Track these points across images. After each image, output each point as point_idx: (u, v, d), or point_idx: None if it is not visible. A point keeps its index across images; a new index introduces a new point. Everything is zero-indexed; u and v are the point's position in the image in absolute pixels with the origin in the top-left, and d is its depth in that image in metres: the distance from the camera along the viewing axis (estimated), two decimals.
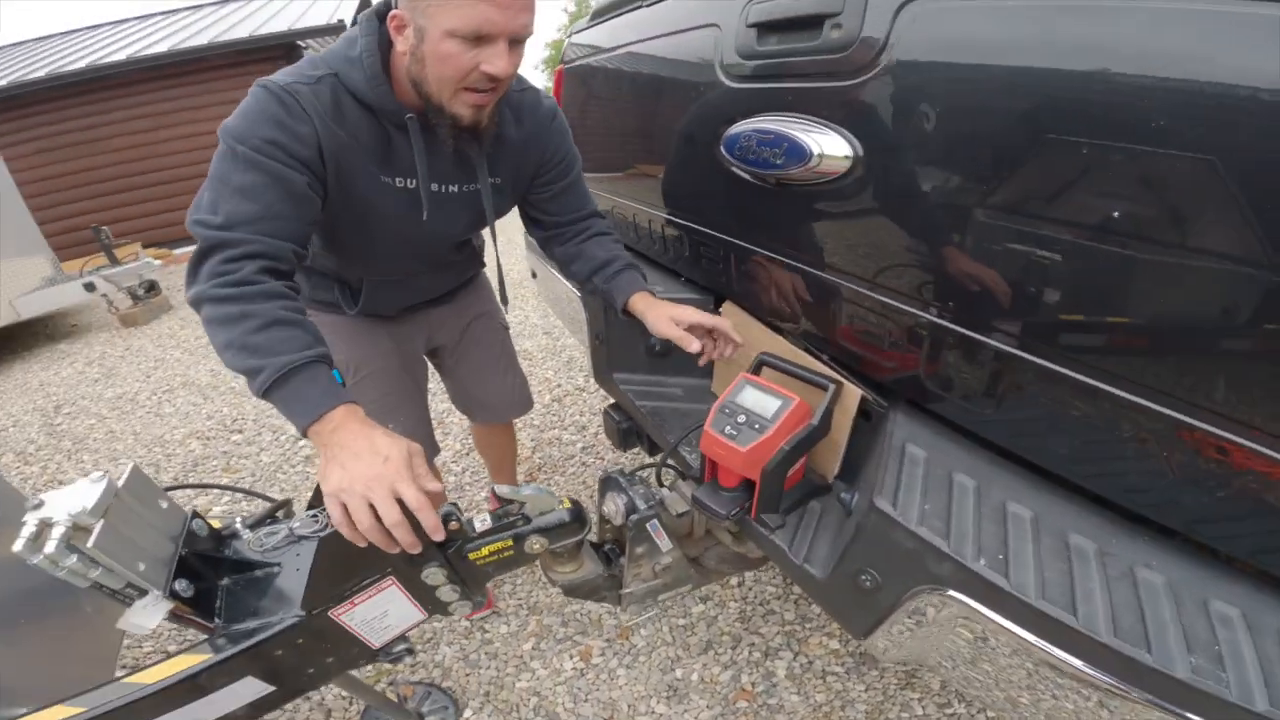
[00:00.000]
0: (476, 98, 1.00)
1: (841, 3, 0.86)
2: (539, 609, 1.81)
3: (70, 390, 4.20)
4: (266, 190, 0.94)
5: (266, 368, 0.85)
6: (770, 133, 0.98)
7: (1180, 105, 0.52)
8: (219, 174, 0.94)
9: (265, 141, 0.94)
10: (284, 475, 2.74)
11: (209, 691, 0.97)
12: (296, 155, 0.97)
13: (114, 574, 0.84)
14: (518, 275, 5.00)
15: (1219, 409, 0.55)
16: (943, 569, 0.67)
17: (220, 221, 0.91)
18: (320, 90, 1.00)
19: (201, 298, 0.90)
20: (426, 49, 0.94)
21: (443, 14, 0.90)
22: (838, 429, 1.03)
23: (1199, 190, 0.53)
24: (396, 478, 0.83)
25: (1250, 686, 0.51)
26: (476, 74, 0.95)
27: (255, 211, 0.92)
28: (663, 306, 1.19)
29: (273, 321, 0.88)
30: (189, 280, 0.93)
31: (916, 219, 0.82)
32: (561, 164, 1.30)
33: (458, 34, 0.91)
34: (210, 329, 0.91)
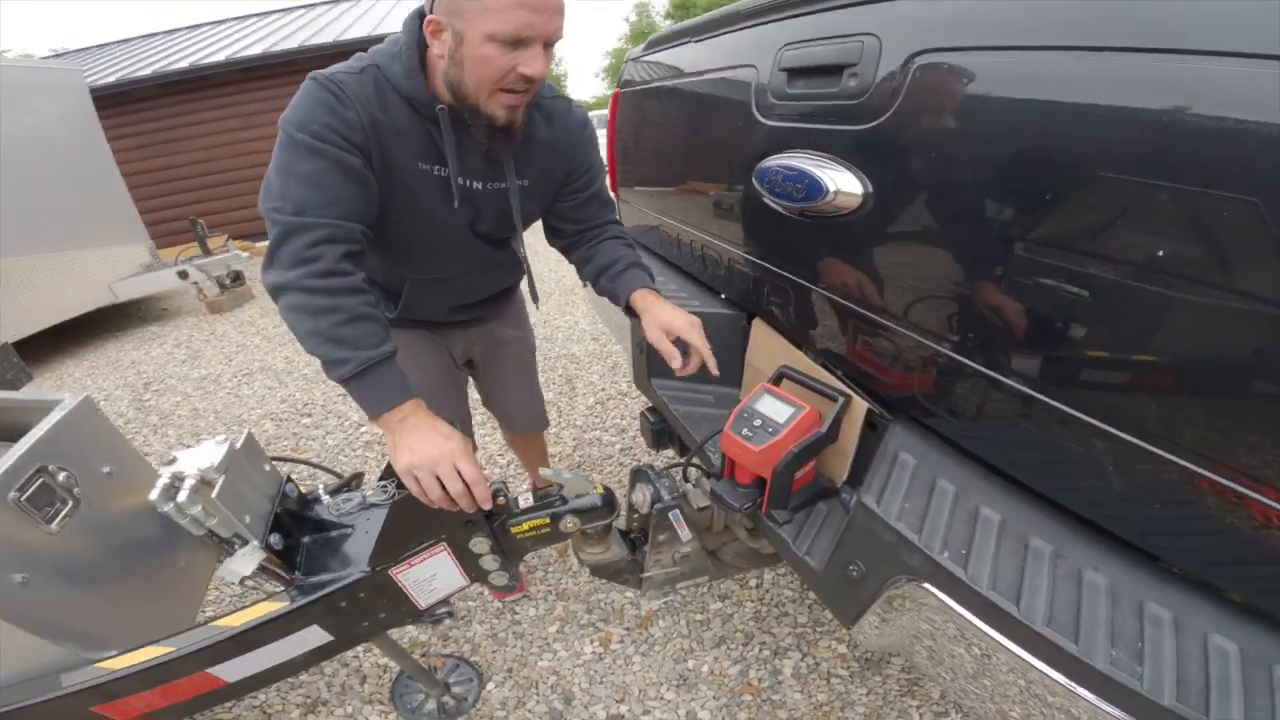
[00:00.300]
0: (512, 98, 1.06)
1: (859, 54, 0.96)
2: (566, 596, 1.95)
3: (159, 369, 4.59)
4: (329, 175, 1.01)
5: (351, 360, 0.98)
6: (794, 169, 1.09)
7: (1169, 147, 0.58)
8: (283, 162, 1.02)
9: (322, 127, 1.01)
10: (345, 457, 2.97)
11: (280, 637, 1.14)
12: (349, 139, 1.04)
13: (226, 524, 1.02)
14: (570, 282, 5.19)
15: (1164, 434, 0.63)
16: (914, 560, 0.77)
17: (292, 209, 0.99)
18: (364, 80, 1.07)
19: (288, 285, 0.99)
20: (466, 52, 1.01)
21: (483, 19, 0.97)
22: (845, 438, 1.13)
23: (1176, 230, 0.59)
24: (458, 456, 1.00)
25: (1162, 681, 0.59)
26: (513, 75, 1.02)
27: (322, 197, 1.00)
28: (656, 310, 1.24)
29: (356, 316, 1.00)
30: (267, 264, 1.02)
31: (916, 254, 0.92)
32: (588, 173, 1.35)
33: (497, 38, 0.98)
34: (294, 315, 1.00)
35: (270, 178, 1.02)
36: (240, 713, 1.66)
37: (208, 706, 1.24)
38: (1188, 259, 0.59)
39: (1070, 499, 0.76)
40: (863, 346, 1.08)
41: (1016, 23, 0.74)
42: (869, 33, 0.95)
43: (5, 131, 4.78)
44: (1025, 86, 0.72)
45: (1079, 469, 0.72)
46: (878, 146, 0.95)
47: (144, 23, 74.46)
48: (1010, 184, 0.75)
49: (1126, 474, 0.68)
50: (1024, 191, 0.74)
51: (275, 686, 1.71)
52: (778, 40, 1.17)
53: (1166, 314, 0.62)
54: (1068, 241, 0.69)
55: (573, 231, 1.42)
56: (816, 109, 1.08)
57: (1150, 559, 0.69)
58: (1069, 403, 0.72)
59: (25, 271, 4.79)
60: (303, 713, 1.64)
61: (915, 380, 0.95)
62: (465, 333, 1.60)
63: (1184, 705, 0.57)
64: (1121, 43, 0.62)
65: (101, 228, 5.59)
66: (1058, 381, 0.73)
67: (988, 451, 0.86)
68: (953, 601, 0.73)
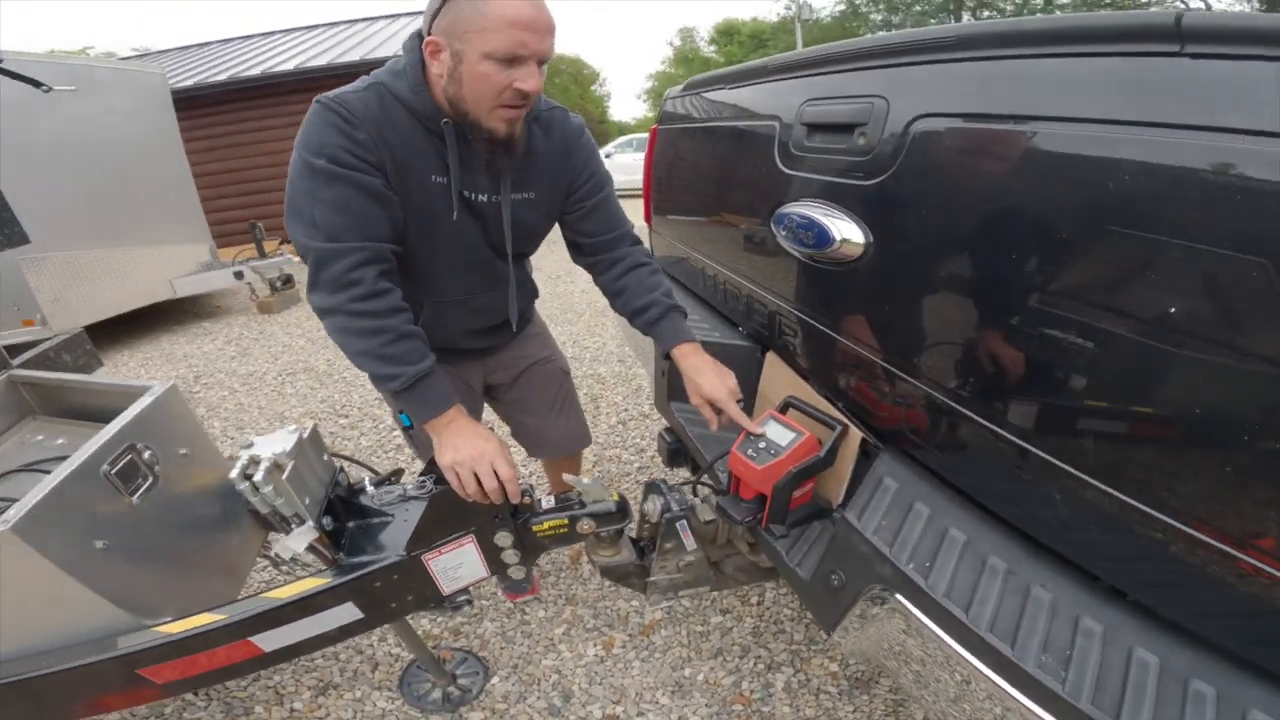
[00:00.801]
0: (510, 112, 1.11)
1: (868, 115, 1.07)
2: (575, 600, 2.05)
3: (209, 364, 4.84)
4: (352, 199, 1.07)
5: (401, 375, 1.11)
6: (807, 217, 1.21)
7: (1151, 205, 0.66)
8: (307, 190, 1.07)
9: (337, 149, 1.06)
10: (378, 458, 3.13)
11: (320, 610, 1.27)
12: (365, 159, 1.09)
13: (290, 504, 1.17)
14: (601, 305, 5.35)
15: (1109, 472, 0.73)
16: (885, 570, 0.88)
17: (324, 236, 1.06)
18: (368, 97, 1.11)
19: (336, 309, 1.07)
20: (464, 70, 1.06)
21: (480, 39, 1.02)
22: (842, 463, 1.23)
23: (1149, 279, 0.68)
24: (494, 456, 1.14)
25: (1081, 686, 0.68)
26: (510, 91, 1.07)
27: (349, 221, 1.07)
28: (698, 378, 1.31)
29: (401, 335, 1.11)
30: (311, 287, 1.10)
31: (908, 303, 1.03)
32: (592, 179, 1.38)
33: (494, 56, 1.03)
34: (342, 337, 1.09)
35: (296, 203, 1.09)
36: (255, 691, 1.77)
37: (239, 675, 1.35)
38: (1148, 318, 0.68)
39: (1029, 525, 0.86)
40: (860, 382, 1.19)
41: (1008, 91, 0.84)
42: (879, 94, 1.05)
43: (88, 129, 5.10)
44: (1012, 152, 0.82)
45: (1036, 498, 0.83)
46: (880, 202, 1.05)
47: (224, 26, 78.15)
48: (992, 244, 0.86)
49: (1073, 503, 0.78)
50: (1004, 252, 0.84)
51: (290, 669, 1.83)
52: (801, 95, 1.29)
53: (1113, 368, 0.72)
54: (1034, 301, 0.80)
55: (590, 245, 1.43)
56: (830, 163, 1.19)
57: (1094, 580, 0.79)
58: (1029, 440, 0.82)
59: (95, 263, 5.11)
60: (314, 694, 1.75)
61: (902, 414, 1.06)
62: (482, 362, 1.60)
63: (1098, 709, 0.66)
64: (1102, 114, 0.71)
65: (169, 226, 5.93)
66: (1022, 421, 0.83)
67: (962, 480, 0.96)
68: (913, 607, 0.83)
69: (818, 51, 1.28)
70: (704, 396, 1.31)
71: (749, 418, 1.28)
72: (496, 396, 1.73)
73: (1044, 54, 0.79)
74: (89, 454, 1.22)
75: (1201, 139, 0.61)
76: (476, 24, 1.02)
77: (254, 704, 1.74)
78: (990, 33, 0.87)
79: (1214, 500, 0.65)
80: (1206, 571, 0.65)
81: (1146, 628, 0.72)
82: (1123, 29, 0.69)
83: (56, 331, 3.50)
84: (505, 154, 1.19)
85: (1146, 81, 0.67)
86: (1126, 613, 0.75)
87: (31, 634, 1.20)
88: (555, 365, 1.74)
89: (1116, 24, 0.70)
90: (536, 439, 1.78)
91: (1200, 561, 0.66)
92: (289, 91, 9.21)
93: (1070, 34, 0.76)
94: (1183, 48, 0.63)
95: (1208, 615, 0.68)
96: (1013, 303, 0.83)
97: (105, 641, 1.22)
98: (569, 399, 1.78)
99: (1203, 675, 0.66)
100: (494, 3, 1.01)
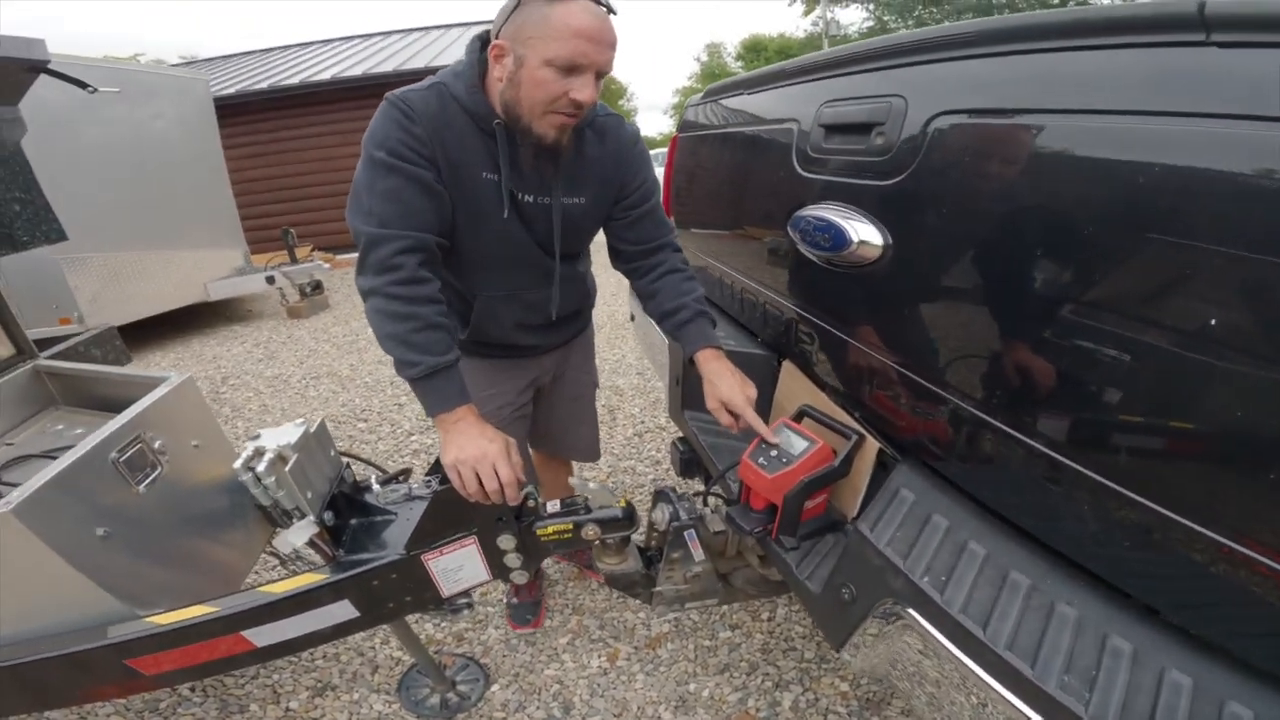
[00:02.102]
0: (561, 119, 1.14)
1: (886, 114, 1.04)
2: (582, 610, 2.01)
3: (237, 366, 4.94)
4: (404, 190, 1.13)
5: (421, 363, 1.12)
6: (823, 219, 1.18)
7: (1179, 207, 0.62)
8: (366, 180, 1.14)
9: (396, 143, 1.12)
10: (393, 462, 3.15)
11: (314, 607, 1.25)
12: (420, 153, 1.14)
13: (291, 496, 1.16)
14: (621, 318, 5.35)
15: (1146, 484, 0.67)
16: (898, 583, 0.83)
17: (376, 222, 1.11)
18: (429, 96, 1.17)
19: (375, 290, 1.11)
20: (524, 74, 1.10)
21: (543, 45, 1.07)
22: (857, 475, 1.18)
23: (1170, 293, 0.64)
24: (497, 458, 1.12)
25: (1107, 708, 0.63)
26: (565, 100, 1.10)
27: (400, 210, 1.12)
28: (717, 381, 1.31)
29: (429, 325, 1.13)
30: (359, 269, 1.15)
31: (928, 306, 0.99)
32: (642, 188, 1.41)
33: (554, 64, 1.07)
34: (377, 318, 1.13)
35: (357, 191, 1.15)
36: (252, 690, 1.76)
37: (230, 670, 1.33)
38: (1185, 323, 0.63)
39: (1056, 539, 0.80)
40: (877, 391, 1.14)
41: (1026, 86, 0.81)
42: (897, 94, 1.03)
43: (133, 133, 5.27)
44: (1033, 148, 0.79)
45: (1066, 512, 0.77)
46: (898, 202, 1.02)
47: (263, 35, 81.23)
48: (1015, 243, 0.82)
49: (1106, 517, 0.72)
50: (1027, 252, 0.80)
51: (289, 667, 1.82)
52: (819, 97, 1.27)
53: (1151, 376, 0.67)
54: (1066, 302, 0.75)
55: (632, 253, 1.45)
56: (848, 164, 1.16)
57: (1125, 598, 0.73)
58: (1060, 450, 0.76)
59: (133, 265, 5.26)
60: (311, 695, 1.73)
61: (922, 424, 1.01)
62: (537, 361, 1.63)
63: None
64: None
65: (206, 230, 6.08)
66: (1053, 432, 0.78)
67: (985, 493, 0.91)
68: (927, 622, 0.78)
69: (835, 53, 1.26)
70: (720, 400, 1.30)
71: (766, 426, 1.24)
72: (538, 394, 1.78)
73: (1063, 47, 0.75)
74: (98, 441, 1.23)
75: (1232, 128, 0.58)
76: (541, 30, 1.06)
77: (250, 701, 1.72)
78: (1007, 28, 0.84)
79: (1262, 515, 0.59)
80: (1251, 590, 0.60)
81: (1181, 647, 0.67)
82: (1146, 20, 0.66)
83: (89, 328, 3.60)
84: (550, 160, 1.22)
85: (1172, 71, 0.64)
86: (1159, 631, 0.69)
87: (24, 618, 1.20)
88: (589, 378, 1.84)
89: (1139, 14, 0.67)
90: (551, 436, 1.85)
91: (1245, 580, 0.60)
92: (325, 101, 9.46)
93: (1091, 26, 0.73)
94: (1208, 36, 0.60)
95: (1249, 635, 0.62)
96: (1037, 306, 0.79)
97: (95, 630, 1.21)
98: (592, 412, 1.89)
99: (1241, 699, 0.60)
100: (561, 12, 1.05)
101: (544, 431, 1.84)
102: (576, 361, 1.76)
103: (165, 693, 1.73)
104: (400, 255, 1.11)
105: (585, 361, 1.80)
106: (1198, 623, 0.66)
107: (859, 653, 0.96)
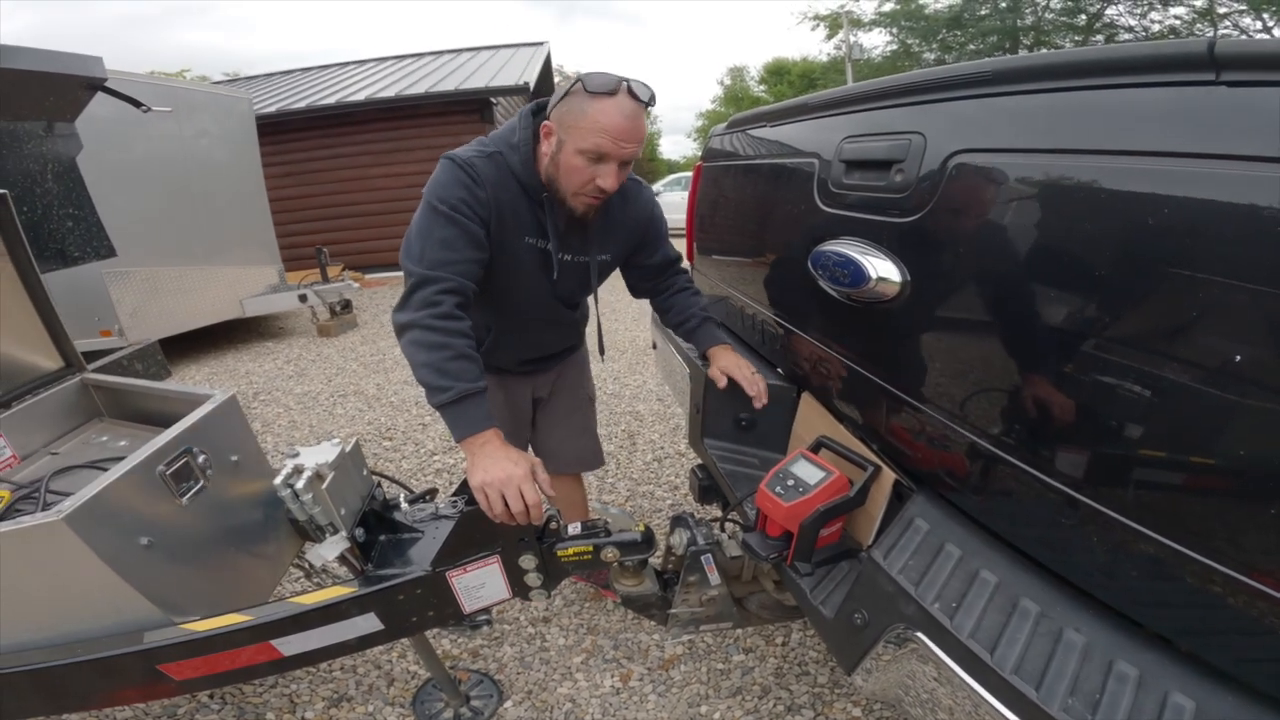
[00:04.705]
0: (588, 200, 1.34)
1: (905, 152, 1.07)
2: (596, 630, 2.03)
3: (268, 382, 5.06)
4: (458, 240, 1.27)
5: (452, 389, 1.19)
6: (843, 255, 1.21)
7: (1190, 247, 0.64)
8: (424, 227, 1.27)
9: (459, 201, 1.27)
10: (416, 480, 3.20)
11: (342, 618, 1.29)
12: (477, 213, 1.30)
13: (326, 512, 1.21)
14: (642, 344, 5.40)
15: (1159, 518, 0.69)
16: (909, 609, 0.85)
17: (427, 265, 1.24)
18: (489, 164, 1.34)
19: (413, 324, 1.21)
20: (561, 157, 1.29)
21: (578, 136, 1.25)
22: (873, 504, 1.20)
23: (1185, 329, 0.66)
24: (521, 480, 1.17)
25: None
26: (592, 184, 1.30)
27: (451, 257, 1.25)
28: (721, 357, 1.56)
29: (461, 355, 1.21)
30: (400, 307, 1.25)
31: (945, 342, 1.02)
32: (657, 240, 1.66)
33: (584, 153, 1.26)
34: (413, 349, 1.22)
35: (412, 238, 1.28)
36: (269, 698, 1.80)
37: (253, 678, 1.36)
38: (1195, 360, 0.65)
39: (1068, 569, 0.82)
40: (894, 423, 1.16)
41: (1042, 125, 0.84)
42: (917, 131, 1.06)
43: (178, 150, 5.46)
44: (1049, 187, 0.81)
45: (1079, 545, 0.79)
46: (916, 239, 1.04)
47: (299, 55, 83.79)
48: (1025, 283, 0.85)
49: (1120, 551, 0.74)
50: (1037, 291, 0.83)
51: (307, 678, 1.86)
52: (840, 132, 1.30)
53: (1163, 412, 0.69)
54: (1080, 340, 0.77)
55: (648, 289, 1.75)
56: (868, 200, 1.19)
57: (1134, 625, 0.75)
58: (1072, 484, 0.78)
59: (174, 280, 5.43)
60: (327, 705, 1.77)
61: (937, 456, 1.03)
62: (531, 379, 1.82)
63: None
64: None
65: (243, 248, 6.27)
66: (1065, 466, 0.80)
67: (997, 524, 0.93)
68: (936, 647, 0.80)
69: (857, 88, 1.30)
70: (720, 368, 1.54)
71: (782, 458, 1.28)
72: (535, 409, 1.93)
73: (1077, 87, 0.78)
74: (148, 453, 1.30)
75: (1242, 169, 0.60)
76: (578, 122, 1.25)
77: (266, 710, 1.76)
78: (1023, 67, 0.88)
79: (1268, 547, 0.61)
80: (1253, 616, 0.62)
81: (1185, 672, 0.68)
82: (1157, 59, 0.69)
83: (132, 343, 3.72)
84: (580, 228, 1.45)
85: (1183, 111, 0.66)
86: (1165, 657, 0.70)
87: (65, 622, 1.25)
88: (584, 393, 1.99)
89: (1151, 54, 0.70)
90: (552, 453, 1.96)
91: (1249, 608, 0.62)
92: (359, 121, 9.67)
93: (1104, 66, 0.76)
94: (1218, 76, 0.62)
95: (1252, 660, 0.64)
96: (1051, 344, 0.81)
97: (131, 635, 1.26)
98: (588, 424, 2.02)
99: None
100: (596, 108, 1.23)
101: (547, 450, 1.95)
102: (570, 378, 1.92)
103: (184, 698, 1.77)
104: (441, 294, 1.23)
105: (579, 377, 1.96)
106: (1203, 648, 0.68)
107: (870, 677, 0.98)
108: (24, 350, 1.82)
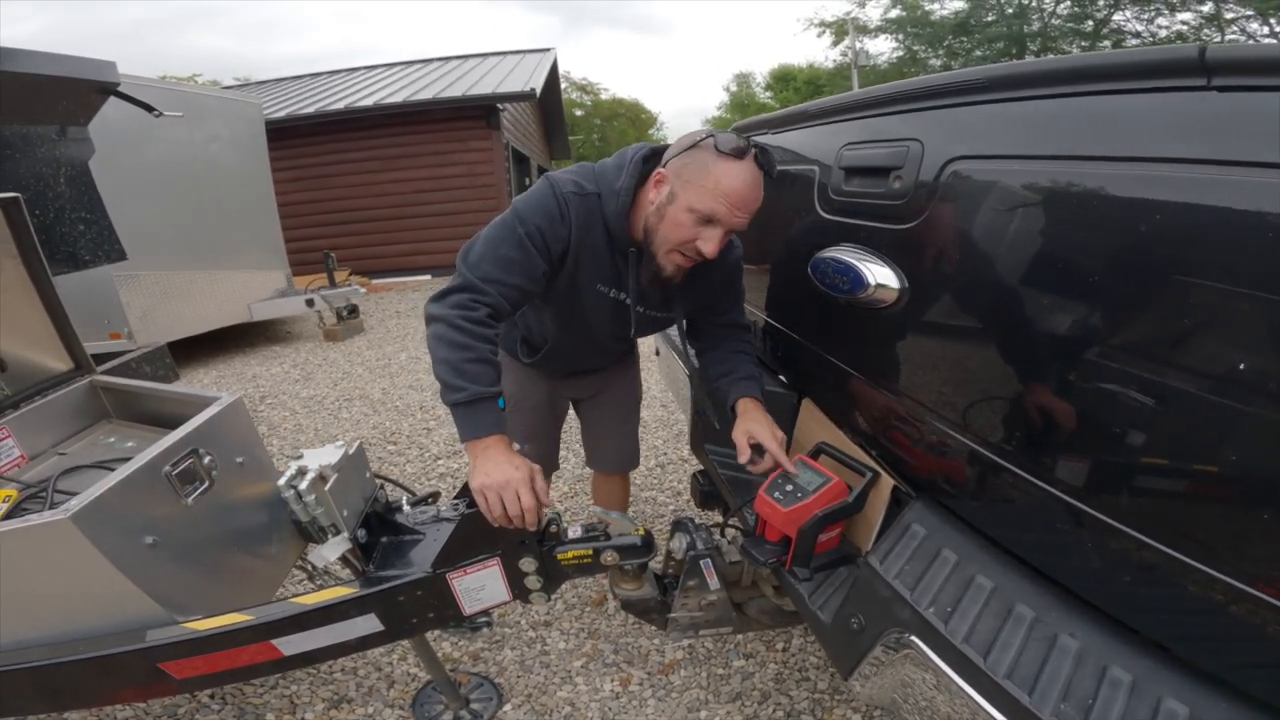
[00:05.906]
0: (683, 260, 1.28)
1: (903, 159, 1.08)
2: (597, 634, 2.03)
3: (274, 385, 5.09)
4: (516, 266, 1.25)
5: (466, 390, 1.19)
6: (842, 262, 1.22)
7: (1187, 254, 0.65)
8: (496, 238, 1.26)
9: (536, 229, 1.25)
10: (420, 484, 3.21)
11: (343, 619, 1.30)
12: (550, 248, 1.28)
13: (329, 514, 1.22)
14: (646, 350, 5.39)
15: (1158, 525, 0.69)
16: (905, 614, 0.86)
17: (480, 274, 1.23)
18: (585, 204, 1.30)
19: (443, 318, 1.21)
20: (670, 210, 1.23)
21: (694, 193, 1.20)
22: (872, 510, 1.21)
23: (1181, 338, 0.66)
24: (520, 485, 1.18)
25: None
26: (692, 245, 1.24)
27: (504, 278, 1.24)
28: (747, 417, 1.38)
29: (480, 359, 1.21)
30: (436, 298, 1.25)
31: (943, 349, 1.03)
32: (734, 297, 1.57)
33: (695, 212, 1.20)
34: (436, 342, 1.22)
35: (479, 239, 1.28)
36: (270, 699, 1.80)
37: (253, 677, 1.36)
38: (1192, 367, 0.66)
39: (1064, 575, 0.82)
40: (893, 430, 1.17)
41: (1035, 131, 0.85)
42: (914, 138, 1.06)
43: (189, 154, 5.50)
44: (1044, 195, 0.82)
45: (1076, 552, 0.79)
46: (914, 246, 1.05)
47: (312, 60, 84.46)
48: (1021, 289, 0.85)
49: (1109, 553, 0.74)
50: (1032, 298, 0.83)
51: (307, 679, 1.86)
52: (840, 139, 1.31)
53: (1162, 419, 0.69)
54: (1078, 347, 0.78)
55: (697, 343, 1.60)
56: (866, 207, 1.19)
57: (1129, 630, 0.75)
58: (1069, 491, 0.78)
59: (183, 284, 5.48)
60: (327, 707, 1.78)
61: (936, 463, 1.04)
62: (577, 382, 1.83)
63: None
64: None
65: (252, 252, 6.31)
66: (1063, 473, 0.80)
67: (994, 530, 0.93)
68: (930, 651, 0.80)
69: (857, 95, 1.31)
70: (745, 431, 1.35)
71: None
72: (579, 408, 1.97)
73: (1072, 94, 0.79)
74: (155, 454, 1.31)
75: (1233, 174, 0.61)
76: (698, 179, 1.19)
77: (266, 711, 1.77)
78: (1019, 74, 0.89)
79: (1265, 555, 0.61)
80: (1251, 623, 0.62)
81: (1178, 678, 0.68)
82: (1150, 65, 0.70)
83: (141, 345, 3.75)
84: (662, 286, 1.36)
85: (1176, 117, 0.67)
86: (1158, 663, 0.70)
87: (69, 620, 1.27)
88: (632, 396, 1.98)
89: (1143, 60, 0.70)
90: (597, 452, 2.01)
91: (1246, 615, 0.62)
92: (368, 126, 9.72)
93: (1097, 72, 0.76)
94: (1210, 81, 0.63)
95: (1247, 666, 0.64)
96: (1048, 351, 0.82)
97: (134, 634, 1.27)
98: (631, 423, 2.00)
99: None
100: (721, 169, 1.18)
101: (593, 448, 1.99)
102: (622, 379, 1.91)
103: (184, 698, 1.78)
104: (479, 303, 1.22)
105: (629, 380, 1.95)
106: (1197, 654, 0.68)
107: (866, 681, 0.98)
108: (34, 352, 1.85)
